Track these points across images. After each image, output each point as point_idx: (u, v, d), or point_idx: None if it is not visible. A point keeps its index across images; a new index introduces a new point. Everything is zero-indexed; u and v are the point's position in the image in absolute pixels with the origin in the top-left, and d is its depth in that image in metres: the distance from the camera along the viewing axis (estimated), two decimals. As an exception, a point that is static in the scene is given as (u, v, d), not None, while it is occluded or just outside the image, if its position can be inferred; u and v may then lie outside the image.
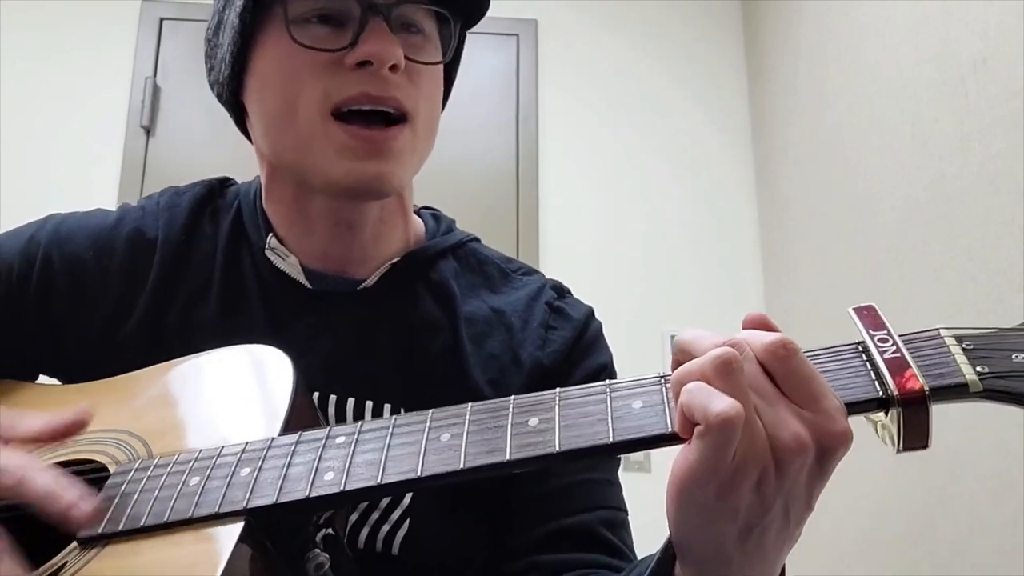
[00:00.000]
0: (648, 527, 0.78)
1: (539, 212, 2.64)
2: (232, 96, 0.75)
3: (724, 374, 0.45)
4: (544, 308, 0.77)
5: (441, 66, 0.75)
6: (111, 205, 0.83)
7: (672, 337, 2.52)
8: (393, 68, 0.67)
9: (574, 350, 0.76)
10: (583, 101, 2.76)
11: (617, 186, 2.71)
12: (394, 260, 0.76)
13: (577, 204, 2.68)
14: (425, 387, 0.71)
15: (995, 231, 1.44)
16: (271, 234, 0.76)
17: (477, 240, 0.84)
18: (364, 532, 0.68)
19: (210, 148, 2.61)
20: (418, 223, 0.82)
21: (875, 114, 1.93)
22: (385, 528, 0.68)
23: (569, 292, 0.82)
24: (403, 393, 0.71)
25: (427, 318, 0.75)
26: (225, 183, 0.83)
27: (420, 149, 0.73)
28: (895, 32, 1.84)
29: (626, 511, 0.74)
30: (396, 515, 0.68)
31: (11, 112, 2.57)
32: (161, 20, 2.72)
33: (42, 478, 0.53)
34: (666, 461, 0.51)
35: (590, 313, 0.80)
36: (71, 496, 0.52)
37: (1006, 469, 1.37)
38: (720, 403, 0.44)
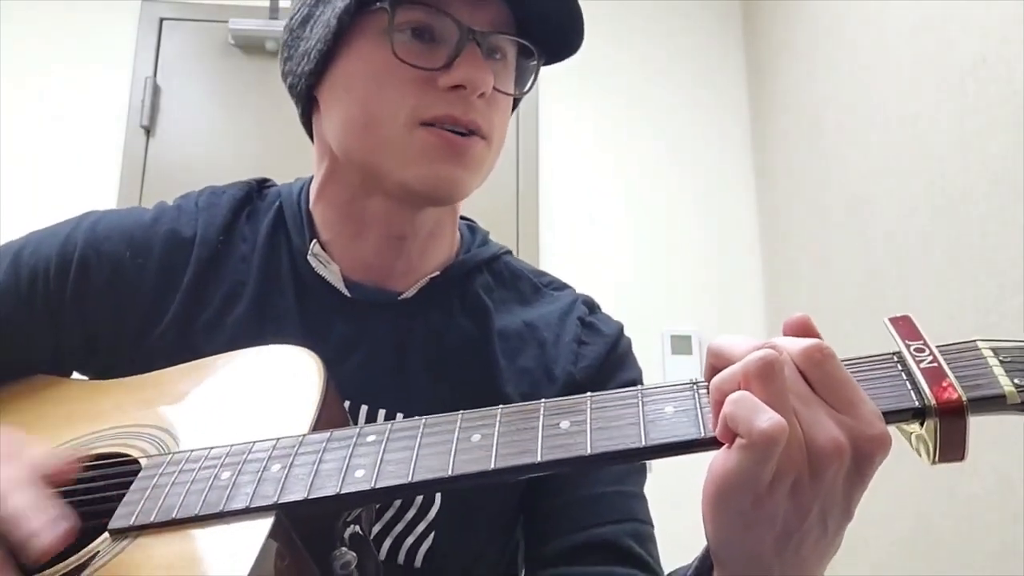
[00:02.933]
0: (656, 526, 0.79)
1: (539, 212, 2.64)
2: (308, 90, 0.75)
3: (765, 378, 0.45)
4: (576, 323, 0.79)
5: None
6: (111, 205, 0.83)
7: (672, 337, 2.52)
8: (481, 95, 0.69)
9: (605, 365, 0.78)
10: (583, 101, 2.76)
11: (617, 186, 2.70)
12: (434, 274, 0.77)
13: (577, 204, 2.68)
14: (458, 401, 0.70)
15: (995, 231, 1.44)
16: (315, 239, 0.76)
17: (509, 252, 0.85)
18: (387, 543, 0.68)
19: (210, 148, 2.61)
20: (456, 235, 0.83)
21: (875, 114, 1.93)
22: (409, 540, 0.69)
23: (599, 307, 0.84)
24: (435, 407, 0.71)
25: (462, 332, 0.76)
26: (264, 183, 0.83)
27: (487, 166, 0.74)
28: (895, 32, 1.84)
29: (653, 525, 0.74)
30: (421, 528, 0.69)
31: (11, 112, 2.57)
32: (161, 20, 2.72)
33: (15, 499, 0.51)
34: (666, 461, 0.51)
35: (621, 329, 0.82)
36: (37, 523, 0.50)
37: (1006, 469, 1.37)
38: (765, 419, 0.44)
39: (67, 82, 2.64)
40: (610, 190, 2.70)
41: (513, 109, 0.81)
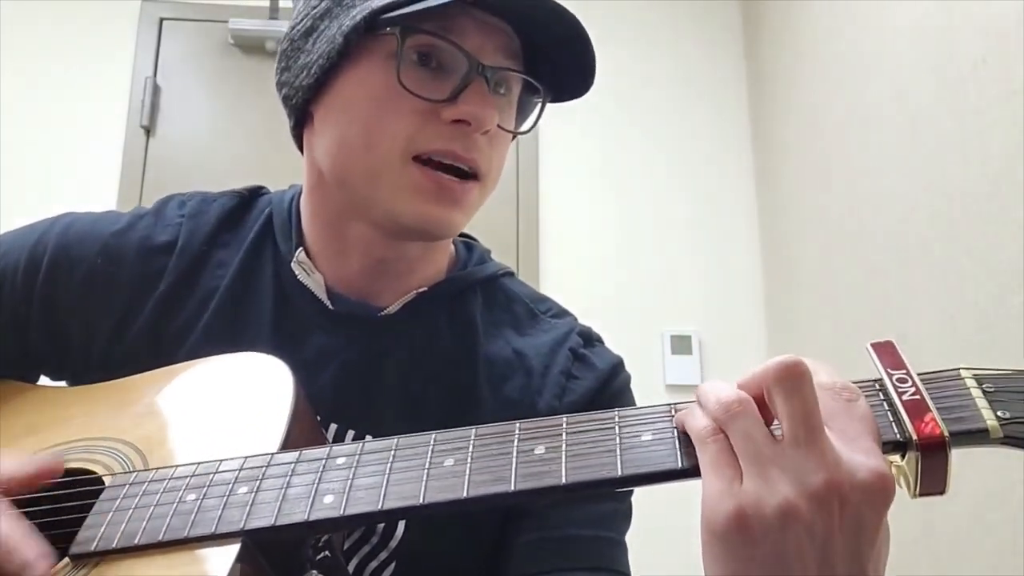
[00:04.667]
0: (647, 530, 0.78)
1: (539, 212, 2.64)
2: (303, 103, 0.73)
3: (726, 426, 0.45)
4: (568, 355, 0.74)
5: None
6: (111, 205, 0.83)
7: (672, 337, 2.52)
8: (484, 132, 0.67)
9: (595, 401, 0.73)
10: (583, 101, 2.75)
11: (617, 186, 2.70)
12: (421, 289, 0.74)
13: (577, 204, 2.67)
14: (433, 427, 0.68)
15: (995, 231, 1.44)
16: (301, 247, 0.74)
17: (510, 274, 0.82)
18: (353, 563, 0.67)
19: (210, 148, 2.61)
20: (449, 250, 0.80)
21: (875, 114, 1.93)
22: (373, 565, 0.67)
23: (600, 341, 0.79)
24: (407, 431, 0.68)
25: (446, 354, 0.73)
26: (256, 192, 0.81)
27: (480, 203, 0.72)
28: (895, 32, 1.84)
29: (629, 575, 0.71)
30: (383, 556, 0.67)
31: (11, 112, 2.57)
32: (161, 20, 2.72)
33: (3, 527, 0.50)
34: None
35: (617, 363, 0.77)
36: (30, 553, 0.50)
37: (1006, 469, 1.37)
38: (698, 424, 0.45)
39: (67, 82, 2.64)
40: (610, 190, 2.70)
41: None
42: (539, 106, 0.74)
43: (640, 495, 0.62)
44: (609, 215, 2.67)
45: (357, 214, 0.71)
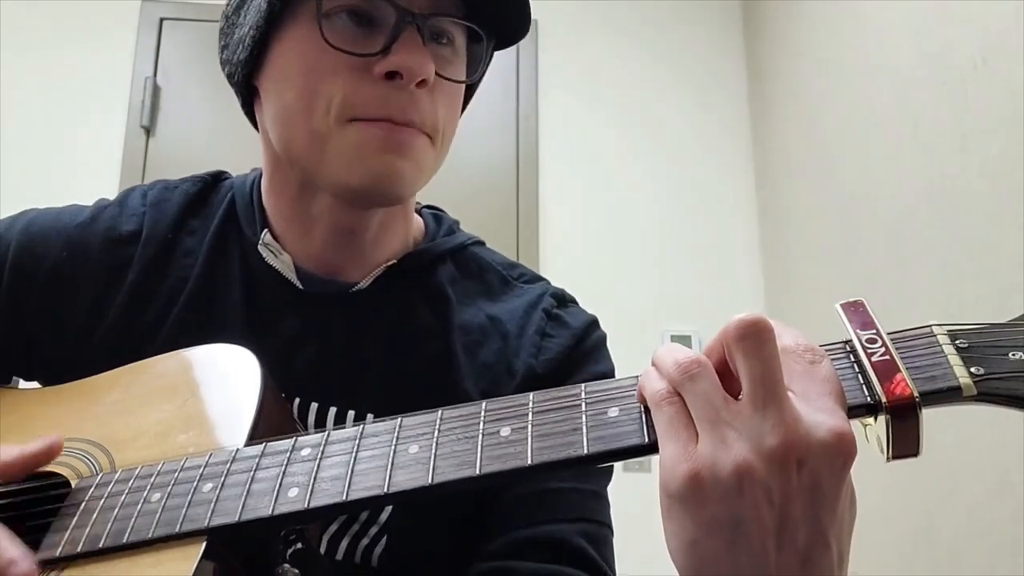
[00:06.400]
0: (647, 528, 0.78)
1: (539, 212, 2.64)
2: (245, 79, 0.72)
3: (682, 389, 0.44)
4: (542, 315, 0.74)
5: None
6: (111, 205, 0.82)
7: (672, 337, 2.52)
8: (421, 83, 0.64)
9: (571, 358, 0.72)
10: (583, 101, 2.76)
11: (617, 186, 2.70)
12: (390, 262, 0.73)
13: (577, 204, 2.67)
14: (414, 398, 0.65)
15: (995, 231, 1.44)
16: (266, 229, 0.73)
17: (480, 243, 0.81)
18: (344, 543, 0.66)
19: (210, 148, 2.61)
20: (418, 223, 0.79)
21: (875, 114, 1.93)
22: (364, 542, 0.67)
23: (573, 301, 0.78)
24: (389, 404, 0.65)
25: (420, 325, 0.72)
26: (219, 177, 0.79)
27: (433, 161, 0.69)
28: (895, 32, 1.84)
29: (611, 528, 0.71)
30: (374, 531, 0.67)
31: (11, 112, 2.57)
32: (161, 20, 2.72)
33: None
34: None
35: (592, 322, 0.76)
36: (14, 551, 0.49)
37: (1006, 469, 1.37)
38: (652, 388, 0.45)
39: (67, 82, 2.64)
40: (610, 190, 2.70)
41: (468, 98, 0.76)
42: (487, 53, 0.71)
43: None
44: (609, 215, 2.67)
45: (314, 187, 0.69)
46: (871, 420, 0.45)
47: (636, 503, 1.28)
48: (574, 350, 0.73)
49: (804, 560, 0.42)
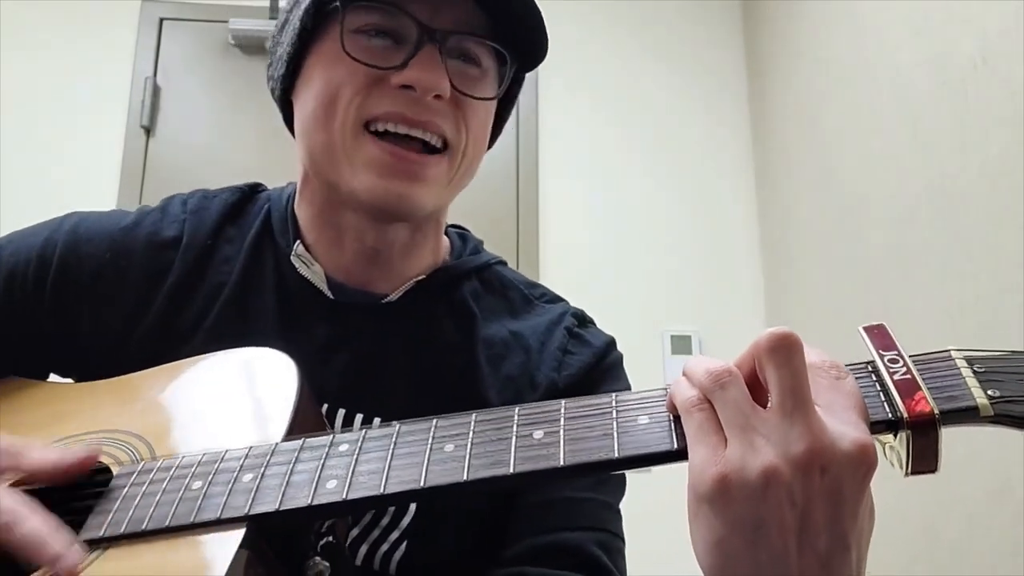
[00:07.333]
0: (647, 528, 0.78)
1: (539, 212, 2.64)
2: (284, 94, 0.76)
3: (712, 397, 0.46)
4: (563, 333, 0.77)
5: (494, 103, 0.75)
6: (111, 205, 0.83)
7: (672, 337, 2.52)
8: (438, 97, 0.67)
9: (591, 376, 0.76)
10: (583, 101, 2.76)
11: (617, 186, 2.70)
12: (419, 277, 0.76)
13: (577, 204, 2.67)
14: (439, 407, 0.69)
15: (995, 231, 1.44)
16: (299, 240, 0.76)
17: (503, 263, 0.84)
18: (363, 549, 0.68)
19: (210, 148, 2.61)
20: (444, 241, 0.82)
21: (875, 114, 1.93)
22: (384, 548, 0.68)
23: (592, 322, 0.82)
24: (414, 412, 0.69)
25: (446, 338, 0.75)
26: (256, 188, 0.83)
27: (457, 181, 0.73)
28: (895, 32, 1.84)
29: (624, 540, 0.73)
30: (394, 536, 0.68)
31: (11, 112, 2.57)
32: (161, 20, 2.72)
33: (31, 523, 0.51)
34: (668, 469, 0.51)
35: (611, 342, 0.80)
36: (58, 546, 0.50)
37: (1006, 469, 1.37)
38: (683, 395, 0.46)
39: (67, 82, 2.64)
40: (610, 190, 2.70)
41: (506, 116, 0.81)
42: (508, 73, 0.74)
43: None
44: (609, 215, 2.67)
45: (339, 199, 0.72)
46: (889, 437, 0.47)
47: (636, 504, 1.28)
48: (595, 368, 0.76)
49: (825, 563, 0.44)
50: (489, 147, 0.80)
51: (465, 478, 0.49)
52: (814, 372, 0.47)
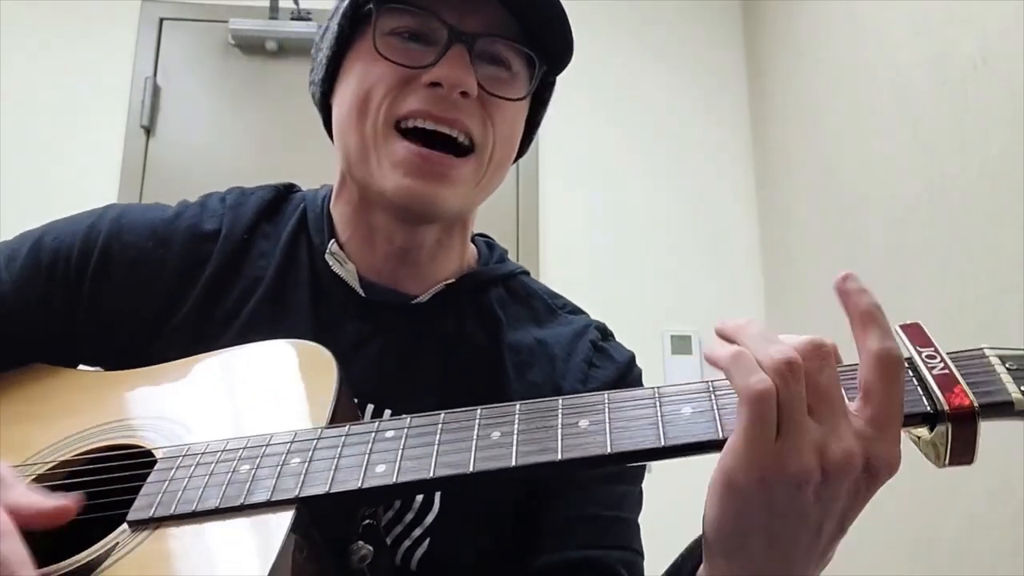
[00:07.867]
0: (647, 526, 0.78)
1: (539, 212, 2.64)
2: (323, 98, 0.79)
3: (787, 378, 0.46)
4: (588, 346, 0.79)
5: (524, 107, 0.77)
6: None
7: (672, 337, 2.52)
8: (464, 95, 0.69)
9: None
10: (583, 101, 2.76)
11: (617, 186, 2.70)
12: (449, 280, 0.78)
13: (577, 204, 2.67)
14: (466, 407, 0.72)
15: (995, 231, 1.44)
16: (333, 239, 0.78)
17: (527, 273, 0.86)
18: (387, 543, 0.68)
19: (210, 148, 2.61)
20: (472, 249, 0.84)
21: (875, 114, 1.93)
22: (406, 544, 0.69)
23: (613, 336, 0.84)
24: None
25: (473, 341, 0.76)
26: (291, 188, 0.85)
27: (486, 183, 0.75)
28: (895, 32, 1.84)
29: (643, 556, 0.75)
30: (417, 533, 0.69)
31: (11, 112, 2.57)
32: (161, 20, 2.72)
33: (7, 545, 0.48)
34: (666, 462, 0.51)
35: (632, 358, 0.82)
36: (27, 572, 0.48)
37: (1006, 469, 1.37)
38: (756, 379, 0.46)
39: (67, 82, 2.64)
40: (610, 190, 2.70)
41: (538, 121, 0.83)
42: (537, 75, 0.76)
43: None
44: (609, 215, 2.67)
45: (370, 202, 0.74)
46: (924, 431, 0.49)
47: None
48: (619, 383, 0.78)
49: (825, 547, 0.49)
50: (521, 155, 0.82)
51: (513, 463, 0.50)
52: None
